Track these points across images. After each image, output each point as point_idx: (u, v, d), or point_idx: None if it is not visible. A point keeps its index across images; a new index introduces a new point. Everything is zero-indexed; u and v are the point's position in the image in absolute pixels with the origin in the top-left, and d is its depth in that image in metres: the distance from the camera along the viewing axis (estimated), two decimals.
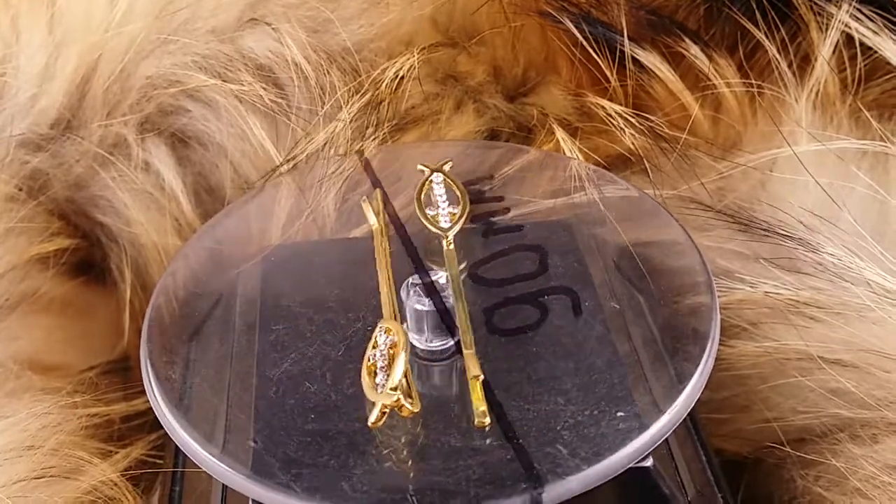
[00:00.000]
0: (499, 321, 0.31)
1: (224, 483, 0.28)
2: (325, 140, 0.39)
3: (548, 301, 0.32)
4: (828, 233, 0.36)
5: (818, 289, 0.35)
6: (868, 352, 0.34)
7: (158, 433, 0.36)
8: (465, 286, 0.32)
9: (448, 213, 0.34)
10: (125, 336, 0.41)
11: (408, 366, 0.28)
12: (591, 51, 0.41)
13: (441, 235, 0.33)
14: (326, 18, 0.41)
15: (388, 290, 0.31)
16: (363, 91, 0.40)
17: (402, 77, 0.40)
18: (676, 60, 0.42)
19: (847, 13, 0.40)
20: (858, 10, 0.40)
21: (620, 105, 0.41)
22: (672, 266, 0.33)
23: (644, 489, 0.29)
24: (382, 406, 0.28)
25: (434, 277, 0.31)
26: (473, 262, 0.33)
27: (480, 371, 0.29)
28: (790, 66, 0.41)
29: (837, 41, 0.41)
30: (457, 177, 0.35)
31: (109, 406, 0.37)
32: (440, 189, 0.35)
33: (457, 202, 0.34)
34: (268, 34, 0.41)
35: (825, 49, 0.40)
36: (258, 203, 0.37)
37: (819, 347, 0.34)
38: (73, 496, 0.33)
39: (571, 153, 0.39)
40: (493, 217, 0.35)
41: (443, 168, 0.35)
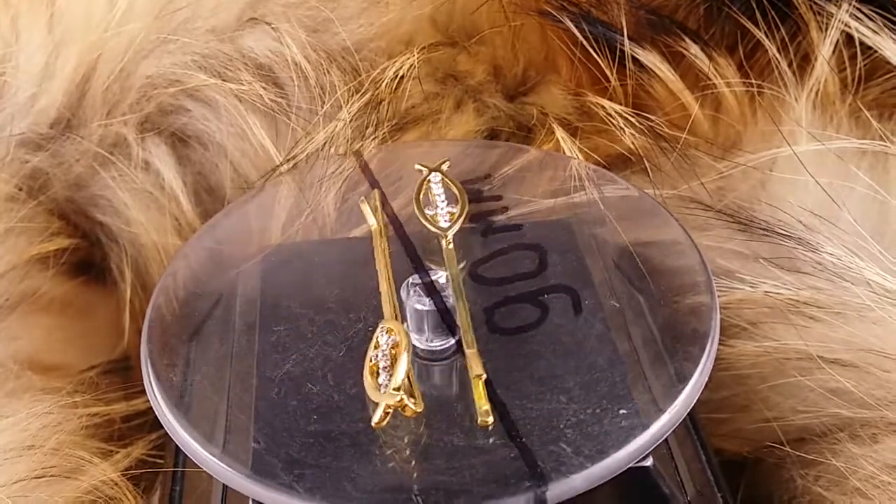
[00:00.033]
0: (499, 320, 0.31)
1: (224, 483, 0.28)
2: (325, 140, 0.39)
3: (548, 300, 0.32)
4: (828, 232, 0.36)
5: (818, 288, 0.35)
6: (868, 351, 0.34)
7: (159, 433, 0.36)
8: (465, 285, 0.32)
9: (447, 213, 0.34)
10: (125, 336, 0.41)
11: (410, 365, 0.28)
12: (591, 50, 0.41)
13: (440, 235, 0.33)
14: (326, 18, 0.41)
15: (389, 291, 0.31)
16: (363, 91, 0.40)
17: (402, 76, 0.40)
18: (676, 60, 0.41)
19: (847, 13, 0.40)
20: (858, 10, 0.40)
21: (620, 105, 0.41)
22: (672, 266, 0.33)
23: (644, 489, 0.29)
24: (386, 406, 0.28)
25: (434, 277, 0.31)
26: (473, 262, 0.33)
27: (483, 370, 0.29)
28: (790, 66, 0.41)
29: (837, 41, 0.41)
30: (456, 176, 0.35)
31: (110, 406, 0.37)
32: (438, 189, 0.35)
33: (455, 201, 0.34)
34: (267, 34, 0.41)
35: (825, 49, 0.40)
36: (258, 203, 0.37)
37: (819, 347, 0.34)
38: (74, 496, 0.33)
39: (571, 153, 0.39)
40: (492, 216, 0.35)
41: (441, 168, 0.35)
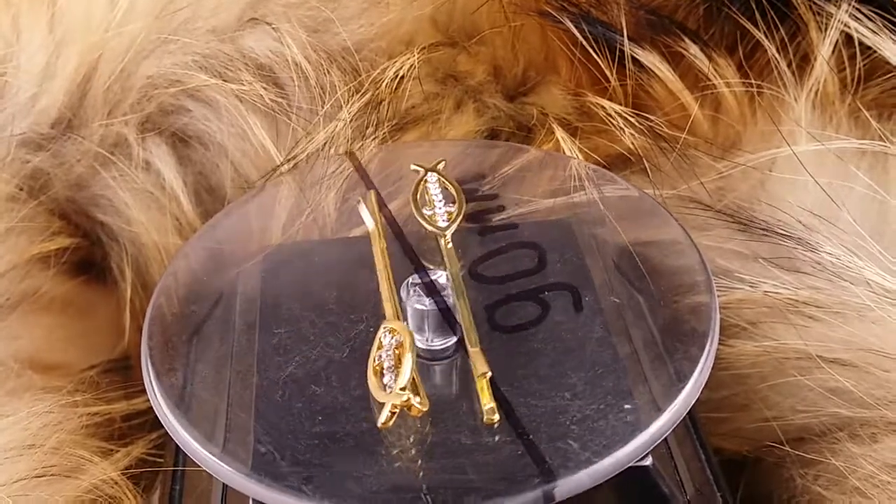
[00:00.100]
0: (500, 318, 0.31)
1: (224, 482, 0.28)
2: (326, 140, 0.39)
3: (548, 297, 0.32)
4: (827, 232, 0.36)
5: (817, 288, 0.35)
6: (867, 351, 0.34)
7: (159, 432, 0.36)
8: (465, 284, 0.32)
9: (445, 212, 0.34)
10: (126, 335, 0.41)
11: (415, 365, 0.28)
12: (591, 50, 0.41)
13: (439, 234, 0.33)
14: (327, 18, 0.41)
15: (389, 291, 0.31)
16: (363, 91, 0.40)
17: (403, 77, 0.40)
18: (676, 60, 0.42)
19: (846, 13, 0.40)
20: (858, 10, 0.40)
21: (620, 105, 0.41)
22: (672, 265, 0.33)
23: (643, 488, 0.29)
24: (392, 406, 0.28)
25: (434, 277, 0.31)
26: (473, 261, 0.33)
27: (488, 368, 0.29)
28: (789, 66, 0.41)
29: (837, 41, 0.41)
30: (456, 176, 0.35)
31: (110, 405, 0.37)
32: (435, 188, 0.35)
33: (452, 201, 0.34)
34: (268, 34, 0.41)
35: (824, 49, 0.40)
36: (259, 202, 0.37)
37: (818, 347, 0.34)
38: (74, 495, 0.33)
39: (571, 153, 0.39)
40: (491, 215, 0.35)
41: (437, 167, 0.35)
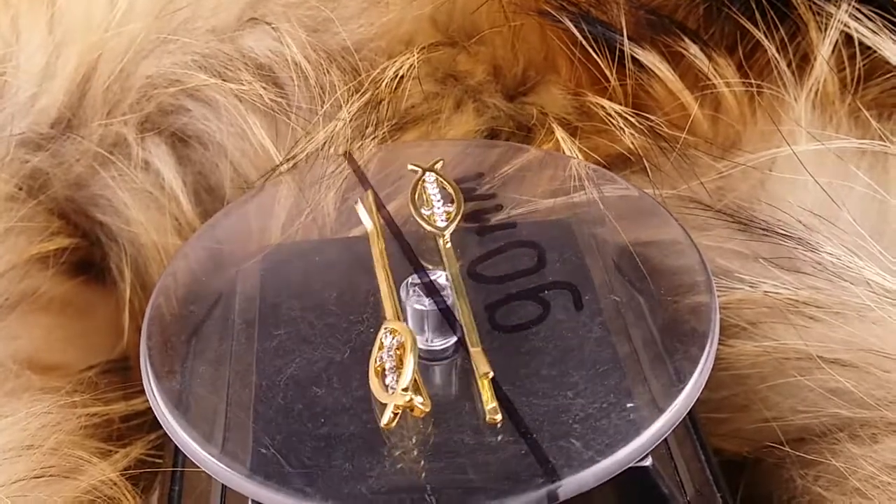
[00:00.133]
0: (500, 318, 0.31)
1: (223, 483, 0.28)
2: (325, 139, 0.39)
3: (548, 296, 0.32)
4: (827, 232, 0.36)
5: (817, 288, 0.35)
6: (867, 351, 0.34)
7: (158, 433, 0.36)
8: (464, 284, 0.32)
9: (443, 212, 0.34)
10: (125, 335, 0.41)
11: (417, 365, 0.28)
12: (591, 50, 0.41)
13: (438, 234, 0.33)
14: (326, 18, 0.41)
15: (389, 291, 0.31)
16: (363, 90, 0.40)
17: (402, 76, 0.40)
18: (676, 60, 0.41)
19: (846, 13, 0.40)
20: (858, 10, 0.40)
21: (620, 104, 0.41)
22: (672, 265, 0.33)
23: (643, 489, 0.29)
24: (395, 407, 0.28)
25: (433, 277, 0.31)
26: (472, 260, 0.33)
27: (490, 368, 0.29)
28: (789, 66, 0.41)
29: (837, 41, 0.41)
30: (455, 176, 0.35)
31: (109, 405, 0.37)
32: (433, 188, 0.35)
33: (451, 201, 0.34)
34: (268, 33, 0.41)
35: (824, 48, 0.40)
36: (258, 202, 0.37)
37: (818, 347, 0.34)
38: (73, 496, 0.33)
39: (571, 152, 0.39)
40: (489, 215, 0.35)
41: (434, 167, 0.35)
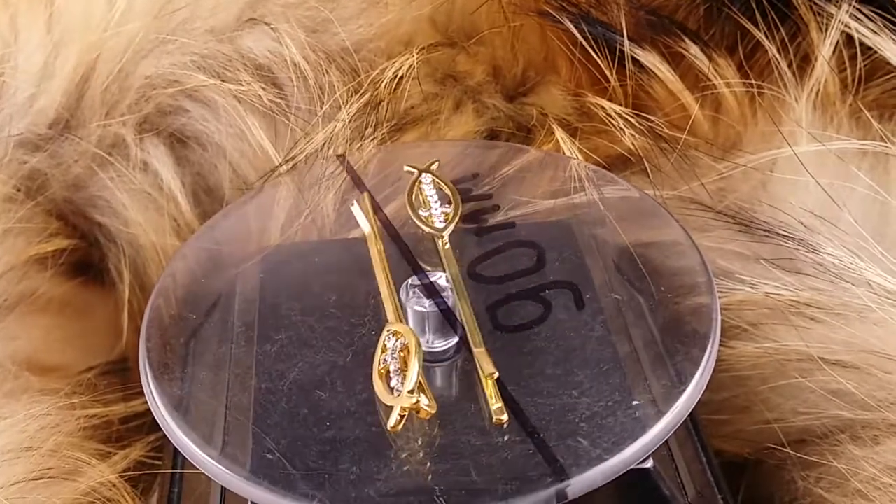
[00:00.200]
0: (501, 318, 0.31)
1: (223, 485, 0.28)
2: (324, 140, 0.39)
3: (549, 296, 0.32)
4: (828, 233, 0.36)
5: (819, 289, 0.35)
6: (869, 353, 0.33)
7: (157, 434, 0.36)
8: (464, 285, 0.31)
9: (441, 213, 0.34)
10: (124, 337, 0.41)
11: (421, 367, 0.28)
12: (591, 51, 0.41)
13: (437, 235, 0.33)
14: (325, 18, 0.41)
15: (389, 294, 0.31)
16: (362, 91, 0.40)
17: (402, 77, 0.40)
18: (676, 60, 0.41)
19: (847, 13, 0.40)
20: (858, 10, 0.40)
21: (620, 105, 0.41)
22: (672, 266, 0.33)
23: (644, 490, 0.28)
24: (401, 409, 0.27)
25: (433, 278, 0.31)
26: (471, 261, 0.33)
27: (494, 368, 0.29)
28: (790, 66, 0.41)
29: (837, 41, 0.41)
30: (454, 177, 0.35)
31: (108, 407, 0.37)
32: (430, 189, 0.34)
33: (448, 202, 0.34)
34: (267, 34, 0.41)
35: (825, 49, 0.40)
36: (257, 203, 0.37)
37: (820, 348, 0.34)
38: (72, 497, 0.33)
39: (571, 153, 0.39)
40: (488, 215, 0.35)
41: (430, 168, 0.35)
